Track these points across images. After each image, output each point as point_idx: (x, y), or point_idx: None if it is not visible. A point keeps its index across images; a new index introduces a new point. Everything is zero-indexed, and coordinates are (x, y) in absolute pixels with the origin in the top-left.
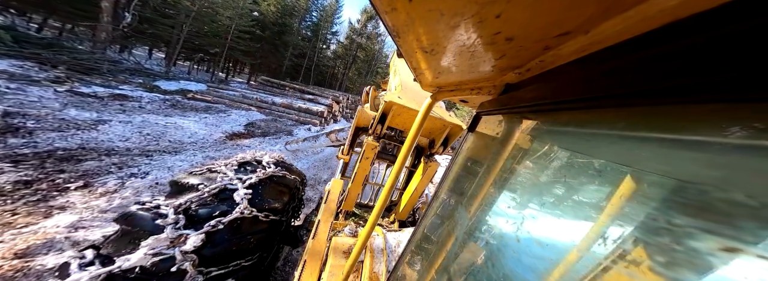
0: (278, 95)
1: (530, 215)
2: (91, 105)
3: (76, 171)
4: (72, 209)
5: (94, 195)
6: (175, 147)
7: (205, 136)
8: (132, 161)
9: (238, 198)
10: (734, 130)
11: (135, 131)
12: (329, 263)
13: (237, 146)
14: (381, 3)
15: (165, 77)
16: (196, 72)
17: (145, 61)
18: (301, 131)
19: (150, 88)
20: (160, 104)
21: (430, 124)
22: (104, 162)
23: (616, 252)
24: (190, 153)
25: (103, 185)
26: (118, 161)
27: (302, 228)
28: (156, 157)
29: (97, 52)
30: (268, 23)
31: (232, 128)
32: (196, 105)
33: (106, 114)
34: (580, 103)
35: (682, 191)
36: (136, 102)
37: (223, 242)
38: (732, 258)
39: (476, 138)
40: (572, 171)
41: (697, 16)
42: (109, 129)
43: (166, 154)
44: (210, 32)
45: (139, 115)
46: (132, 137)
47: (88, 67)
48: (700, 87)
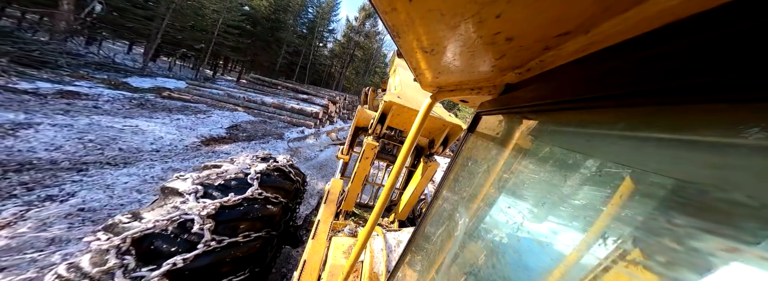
0: (269, 94)
1: (530, 215)
2: (21, 104)
3: None
4: None
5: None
6: (126, 157)
7: (173, 141)
8: (53, 178)
9: (251, 180)
10: (735, 130)
11: (72, 137)
12: (329, 263)
13: (213, 153)
14: (381, 3)
15: (139, 73)
16: (179, 69)
17: (117, 55)
18: (293, 133)
19: (116, 85)
20: (122, 104)
21: (429, 124)
22: (6, 183)
23: (616, 252)
24: (144, 165)
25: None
26: (30, 179)
27: (302, 228)
28: (93, 171)
29: (52, 43)
30: (260, 19)
31: (210, 131)
32: (171, 105)
33: (38, 116)
34: (580, 103)
35: (682, 191)
36: (89, 101)
37: (235, 214)
38: (732, 258)
39: (476, 138)
40: (572, 171)
41: (697, 16)
42: (34, 135)
43: (109, 167)
44: (195, 26)
45: (87, 116)
46: (65, 144)
47: (39, 60)
48: (700, 87)
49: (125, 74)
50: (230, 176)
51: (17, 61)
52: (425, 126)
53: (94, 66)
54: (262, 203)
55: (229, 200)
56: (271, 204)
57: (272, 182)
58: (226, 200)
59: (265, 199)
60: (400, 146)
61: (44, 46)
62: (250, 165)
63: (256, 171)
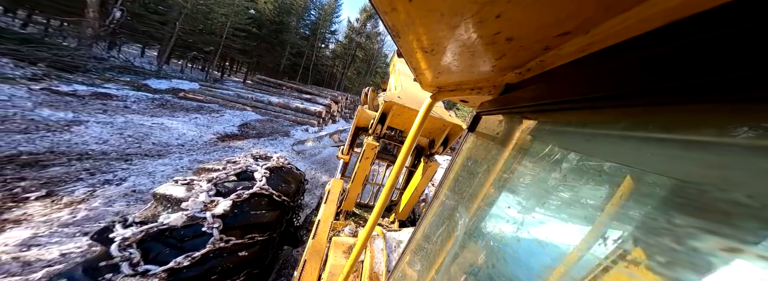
0: (275, 94)
1: (530, 215)
2: (68, 105)
3: (39, 178)
4: (28, 222)
5: (56, 206)
6: (159, 150)
7: (194, 137)
8: (107, 166)
9: (258, 177)
10: (734, 130)
11: (115, 133)
12: (329, 263)
13: (229, 148)
14: (381, 3)
15: (156, 75)
16: (190, 70)
17: (135, 59)
18: (298, 131)
19: (138, 86)
20: (147, 104)
21: (430, 124)
22: (74, 168)
23: (616, 252)
24: (175, 156)
25: (70, 194)
26: (91, 167)
27: (302, 228)
28: (136, 161)
29: (81, 49)
30: (265, 21)
31: (224, 129)
32: (187, 105)
33: (84, 115)
34: (580, 103)
35: (682, 191)
36: (120, 101)
37: (244, 213)
38: (732, 258)
39: (476, 138)
40: (572, 171)
41: (697, 16)
42: (85, 131)
43: (148, 158)
44: (204, 30)
45: (121, 115)
46: (110, 139)
47: (71, 65)
48: (700, 87)
49: (144, 76)
50: (235, 176)
51: (53, 66)
52: (425, 126)
53: (116, 69)
54: (266, 201)
55: (242, 196)
56: (274, 203)
57: (276, 185)
58: (238, 196)
59: (269, 197)
60: (400, 146)
61: (75, 51)
62: (251, 165)
63: (263, 169)
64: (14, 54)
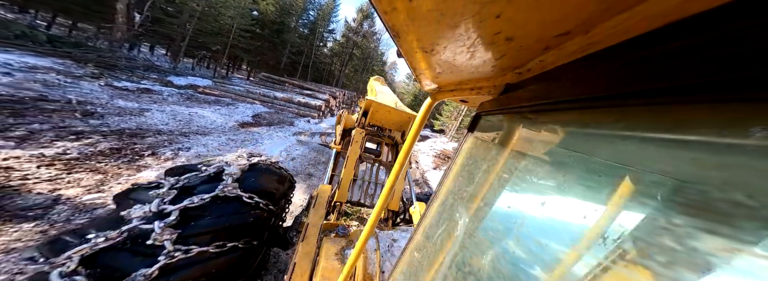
0: (279, 90)
1: (530, 215)
2: (128, 97)
3: (143, 144)
4: (151, 168)
5: (161, 160)
6: (203, 131)
7: (222, 124)
8: (176, 139)
9: (226, 179)
10: (735, 130)
11: (170, 118)
12: (321, 265)
13: (249, 132)
14: (381, 3)
15: (173, 73)
16: (199, 68)
17: (149, 57)
18: (301, 122)
19: (165, 83)
20: (178, 97)
21: (398, 118)
22: (159, 139)
23: (616, 252)
24: (215, 135)
25: (164, 155)
26: (167, 139)
27: (292, 229)
28: (192, 137)
29: (114, 50)
30: (267, 22)
31: (241, 118)
32: (207, 98)
33: (144, 104)
34: (580, 103)
35: (682, 191)
36: (159, 95)
37: (208, 219)
38: (732, 258)
39: (476, 138)
40: (572, 171)
41: (697, 16)
42: (152, 116)
43: (199, 135)
44: (213, 31)
45: (167, 105)
46: (170, 122)
47: (111, 64)
48: (700, 87)
49: (165, 73)
50: (204, 176)
51: (99, 66)
52: (395, 120)
53: (142, 68)
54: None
55: (201, 200)
56: (248, 205)
57: (250, 187)
58: (191, 203)
59: (238, 198)
60: (382, 143)
61: (113, 53)
62: (224, 165)
63: (235, 169)
64: (68, 56)
